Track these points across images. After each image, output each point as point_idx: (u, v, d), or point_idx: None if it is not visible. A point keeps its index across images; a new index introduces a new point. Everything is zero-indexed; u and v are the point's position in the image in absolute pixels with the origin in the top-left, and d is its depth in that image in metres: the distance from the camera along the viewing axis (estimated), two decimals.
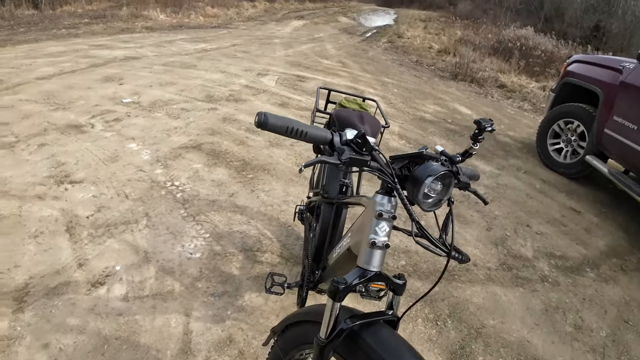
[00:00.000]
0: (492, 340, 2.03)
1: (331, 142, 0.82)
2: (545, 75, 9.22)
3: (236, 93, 5.25)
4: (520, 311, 2.26)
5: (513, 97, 7.75)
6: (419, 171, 0.84)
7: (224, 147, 3.60)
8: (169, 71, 6.01)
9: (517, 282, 2.49)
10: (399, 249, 2.56)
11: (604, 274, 2.74)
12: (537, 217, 3.31)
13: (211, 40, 9.36)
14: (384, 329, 0.93)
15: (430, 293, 2.22)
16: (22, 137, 3.37)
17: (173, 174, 3.07)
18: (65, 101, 4.31)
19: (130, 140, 3.54)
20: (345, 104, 1.96)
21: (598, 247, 3.06)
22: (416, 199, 0.84)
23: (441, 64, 9.78)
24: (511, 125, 5.84)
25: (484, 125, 0.89)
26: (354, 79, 7.00)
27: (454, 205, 0.90)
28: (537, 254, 2.82)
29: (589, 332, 2.21)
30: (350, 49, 10.65)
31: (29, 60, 5.89)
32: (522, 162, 4.44)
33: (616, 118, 3.48)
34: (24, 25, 9.17)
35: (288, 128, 0.79)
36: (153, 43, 8.32)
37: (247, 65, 6.96)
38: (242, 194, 2.93)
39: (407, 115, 5.42)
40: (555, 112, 4.37)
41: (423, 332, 1.99)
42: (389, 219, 0.91)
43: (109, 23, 10.48)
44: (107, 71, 5.66)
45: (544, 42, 10.74)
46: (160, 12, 12.43)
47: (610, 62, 3.84)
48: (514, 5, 21.23)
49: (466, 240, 2.82)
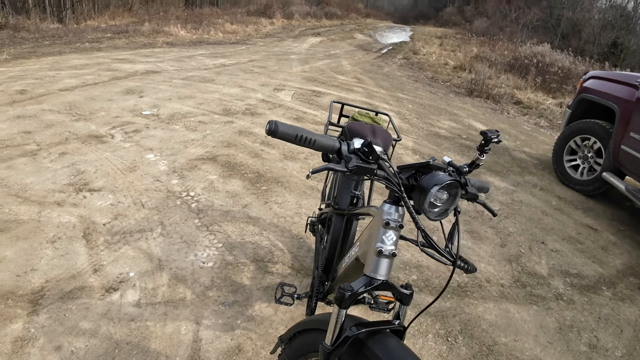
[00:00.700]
0: (503, 358, 1.99)
1: (339, 151, 0.84)
2: (562, 92, 9.15)
3: (252, 107, 5.33)
4: (533, 329, 2.22)
5: (529, 113, 7.69)
6: (425, 180, 0.86)
7: (239, 159, 3.66)
8: (188, 85, 6.15)
9: (531, 300, 2.45)
10: (411, 263, 2.55)
11: (621, 293, 2.68)
12: (553, 235, 3.26)
13: (230, 56, 9.55)
14: (390, 338, 0.93)
15: (442, 309, 2.21)
16: (44, 146, 3.48)
17: (189, 184, 3.13)
18: (87, 112, 4.43)
19: (149, 151, 3.62)
20: (357, 117, 1.98)
21: (615, 265, 2.99)
22: (422, 208, 0.86)
23: (457, 80, 9.78)
24: (527, 142, 5.79)
25: (490, 136, 0.90)
26: (368, 95, 7.04)
27: (460, 215, 0.91)
28: (552, 271, 2.78)
29: (604, 351, 2.16)
30: (366, 65, 10.74)
31: (52, 72, 6.09)
32: (538, 178, 4.39)
33: (633, 134, 3.43)
34: (48, 39, 9.50)
35: (297, 136, 0.81)
36: (173, 58, 8.53)
37: (264, 80, 7.07)
38: (255, 205, 2.97)
39: (421, 130, 5.42)
40: (572, 128, 4.33)
41: (433, 347, 1.97)
42: (397, 228, 0.93)
43: (131, 38, 10.79)
44: (128, 84, 5.81)
45: (560, 58, 10.67)
46: (180, 28, 12.74)
47: (626, 78, 3.80)
48: (530, 22, 21.21)
49: (480, 256, 2.80)
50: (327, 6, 28.28)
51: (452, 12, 35.77)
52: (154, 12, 15.55)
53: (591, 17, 20.04)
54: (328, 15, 25.95)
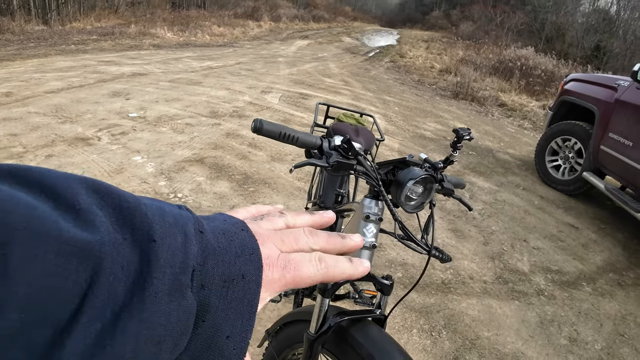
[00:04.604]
0: (486, 351, 2.05)
1: (320, 147, 0.89)
2: (546, 94, 9.33)
3: (240, 109, 5.36)
4: (515, 324, 2.28)
5: (513, 115, 7.84)
6: (401, 175, 0.90)
7: (227, 161, 3.68)
8: (175, 87, 6.15)
9: (512, 296, 2.52)
10: (396, 261, 2.60)
11: (601, 289, 2.76)
12: (535, 233, 3.34)
13: (217, 59, 9.55)
14: (372, 326, 0.97)
15: (426, 305, 2.26)
16: (30, 148, 3.46)
17: (176, 186, 3.14)
18: (73, 114, 4.42)
19: (136, 153, 3.63)
20: (343, 118, 2.02)
21: (595, 262, 3.08)
22: (399, 201, 0.90)
23: (442, 83, 9.91)
24: (511, 143, 5.90)
25: (461, 133, 0.95)
26: (355, 97, 7.11)
27: (435, 208, 0.96)
28: (533, 268, 2.85)
29: (584, 344, 2.23)
30: (353, 68, 10.83)
31: (38, 75, 6.04)
32: (521, 179, 4.49)
33: (612, 135, 3.54)
34: (33, 41, 9.41)
35: (281, 133, 0.85)
36: (160, 60, 8.51)
37: (251, 83, 7.10)
38: (242, 206, 2.99)
39: (407, 132, 5.50)
40: (553, 129, 4.44)
41: (417, 342, 2.02)
42: (376, 221, 0.97)
43: (117, 40, 10.73)
44: (115, 86, 5.80)
45: (544, 61, 10.89)
46: (167, 31, 12.71)
47: (606, 80, 3.92)
48: (515, 26, 21.56)
49: (463, 254, 2.86)
50: (315, 9, 28.43)
51: (439, 16, 36.22)
52: (141, 14, 15.48)
53: (575, 21, 20.47)
54: (315, 18, 26.08)
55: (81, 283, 0.22)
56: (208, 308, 0.28)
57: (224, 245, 0.30)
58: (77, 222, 0.23)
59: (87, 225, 0.23)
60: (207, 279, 0.28)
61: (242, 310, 0.29)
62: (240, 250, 0.31)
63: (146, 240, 0.26)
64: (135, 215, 0.26)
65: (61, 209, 0.23)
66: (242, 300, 0.29)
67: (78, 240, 0.22)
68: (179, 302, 0.26)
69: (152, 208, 0.27)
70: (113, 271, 0.23)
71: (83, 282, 0.22)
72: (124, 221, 0.25)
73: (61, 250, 0.21)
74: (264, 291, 0.31)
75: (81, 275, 0.22)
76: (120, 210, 0.26)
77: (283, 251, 0.34)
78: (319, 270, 0.34)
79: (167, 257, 0.26)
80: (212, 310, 0.28)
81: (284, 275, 0.32)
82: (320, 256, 0.35)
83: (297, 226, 0.39)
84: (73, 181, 0.25)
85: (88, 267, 0.22)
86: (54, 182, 0.24)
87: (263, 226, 0.37)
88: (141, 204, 0.27)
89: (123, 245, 0.24)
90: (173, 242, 0.27)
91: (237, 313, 0.29)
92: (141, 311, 0.24)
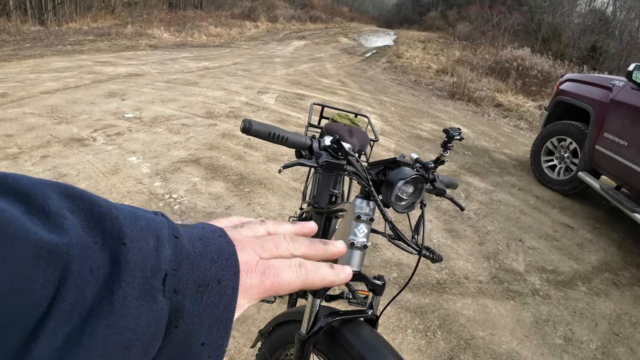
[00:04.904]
0: (481, 351, 2.05)
1: (310, 147, 0.89)
2: (542, 94, 9.36)
3: (236, 110, 5.35)
4: (510, 323, 2.28)
5: (510, 116, 7.85)
6: (391, 175, 0.90)
7: (222, 162, 3.68)
8: (171, 88, 6.14)
9: (508, 295, 2.52)
10: (391, 262, 2.60)
11: (596, 288, 2.77)
12: (530, 233, 3.35)
13: (213, 59, 9.54)
14: (363, 327, 0.97)
15: (421, 305, 2.26)
16: (25, 149, 3.45)
17: (171, 186, 3.14)
18: (69, 115, 4.40)
19: (131, 153, 3.62)
20: (337, 119, 2.02)
21: (590, 262, 3.09)
22: (390, 201, 0.90)
23: (439, 83, 9.93)
24: (507, 144, 5.92)
25: (452, 133, 0.95)
26: (352, 98, 7.11)
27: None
28: (528, 268, 2.85)
29: (579, 344, 2.23)
30: (350, 68, 10.83)
31: (34, 75, 6.02)
32: (517, 179, 4.50)
33: (607, 135, 3.55)
34: (29, 41, 9.38)
35: (270, 133, 0.85)
36: (156, 61, 8.49)
37: (247, 84, 7.09)
38: (238, 207, 2.99)
39: (403, 132, 5.50)
40: (549, 130, 4.45)
41: (412, 342, 2.02)
42: (367, 221, 0.97)
43: (114, 40, 10.71)
44: (111, 87, 5.78)
45: (540, 62, 10.92)
46: (164, 31, 12.69)
47: (601, 81, 3.93)
48: (511, 26, 21.62)
49: (458, 254, 2.86)
50: (312, 10, 28.45)
51: (436, 16, 36.29)
52: (137, 14, 15.45)
53: (571, 22, 20.55)
54: (313, 18, 26.09)
55: (49, 286, 0.22)
56: (181, 313, 0.27)
57: (199, 250, 0.30)
58: (46, 225, 0.23)
59: (55, 228, 0.23)
60: (181, 284, 0.27)
61: (218, 316, 0.29)
62: (216, 255, 0.30)
63: (116, 243, 0.25)
64: (106, 219, 0.26)
65: (32, 213, 0.23)
66: (218, 306, 0.29)
67: (45, 243, 0.22)
68: (149, 306, 0.25)
69: (124, 212, 0.27)
70: (81, 274, 0.23)
71: (51, 285, 0.22)
72: (95, 224, 0.25)
73: (29, 252, 0.21)
74: (241, 298, 0.31)
75: (49, 278, 0.22)
76: (91, 214, 0.25)
77: (263, 257, 0.34)
78: (299, 276, 0.34)
79: (137, 261, 0.25)
80: (186, 316, 0.27)
81: (262, 282, 0.32)
82: (300, 262, 0.35)
83: (278, 233, 0.39)
84: (46, 186, 0.25)
85: (56, 270, 0.22)
86: (27, 188, 0.24)
87: (243, 233, 0.36)
88: (113, 207, 0.27)
89: (93, 248, 0.24)
90: (144, 245, 0.26)
91: (213, 319, 0.29)
92: (109, 315, 0.23)
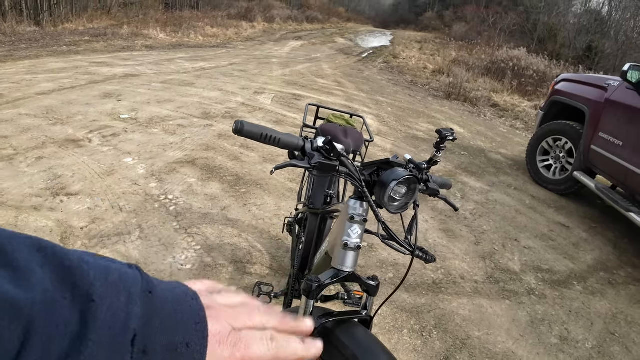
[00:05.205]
0: (477, 351, 2.05)
1: (303, 148, 0.88)
2: (538, 94, 9.38)
3: (232, 110, 5.35)
4: (506, 323, 2.29)
5: (505, 116, 7.88)
6: (385, 176, 0.90)
7: (218, 163, 3.67)
8: (167, 89, 6.12)
9: (503, 295, 2.52)
10: (387, 262, 2.60)
11: (591, 287, 2.77)
12: (526, 232, 3.36)
13: (210, 59, 9.53)
14: (357, 327, 0.97)
15: (417, 305, 2.26)
16: (20, 150, 3.43)
17: (167, 187, 3.13)
18: (64, 116, 4.39)
19: (127, 154, 3.61)
20: (332, 119, 2.03)
21: (586, 261, 3.10)
22: (383, 202, 0.90)
23: (435, 83, 9.95)
24: (503, 144, 5.93)
25: (444, 134, 0.95)
26: (348, 98, 7.12)
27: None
28: (524, 267, 2.86)
29: (574, 343, 2.24)
30: (346, 69, 10.84)
31: (29, 76, 6.00)
32: (513, 179, 4.51)
33: (602, 135, 3.56)
34: (25, 42, 9.34)
35: (262, 134, 0.85)
36: (152, 61, 8.48)
37: (244, 84, 7.09)
38: (234, 207, 2.98)
39: (400, 133, 5.51)
40: (544, 129, 4.46)
41: (408, 342, 2.02)
42: (361, 222, 0.97)
43: (110, 41, 10.68)
44: (106, 88, 5.77)
45: (536, 62, 10.96)
46: (160, 32, 12.67)
47: (596, 81, 3.95)
48: (507, 27, 21.69)
49: (454, 254, 2.87)
50: (309, 10, 28.45)
51: (432, 17, 36.36)
52: (133, 15, 15.40)
53: (567, 22, 20.60)
54: (309, 19, 26.09)
55: (14, 341, 0.21)
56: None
57: (169, 311, 0.29)
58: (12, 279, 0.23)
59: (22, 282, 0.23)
60: (150, 345, 0.27)
61: None
62: (186, 317, 0.30)
63: (85, 300, 0.25)
64: (76, 274, 0.25)
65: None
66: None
67: (9, 298, 0.22)
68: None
69: (95, 266, 0.27)
70: (47, 331, 0.23)
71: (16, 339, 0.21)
72: (64, 279, 0.25)
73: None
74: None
75: (13, 332, 0.21)
76: (62, 269, 0.25)
77: (235, 327, 0.34)
78: (270, 350, 0.34)
79: (106, 318, 0.25)
80: None
81: (233, 354, 0.32)
82: (272, 335, 0.35)
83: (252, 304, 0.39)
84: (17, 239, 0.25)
85: (20, 325, 0.22)
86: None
87: (218, 301, 0.36)
88: (84, 262, 0.26)
89: (61, 304, 0.24)
90: (115, 301, 0.26)
91: None
92: None
